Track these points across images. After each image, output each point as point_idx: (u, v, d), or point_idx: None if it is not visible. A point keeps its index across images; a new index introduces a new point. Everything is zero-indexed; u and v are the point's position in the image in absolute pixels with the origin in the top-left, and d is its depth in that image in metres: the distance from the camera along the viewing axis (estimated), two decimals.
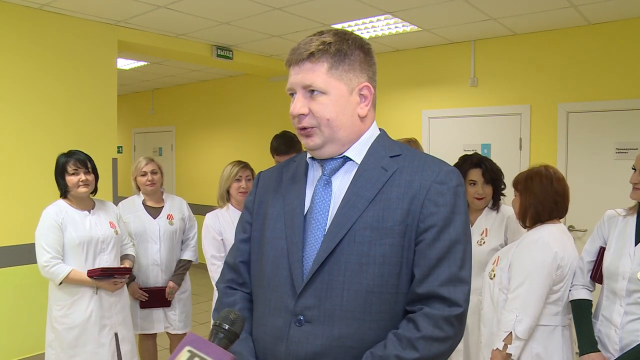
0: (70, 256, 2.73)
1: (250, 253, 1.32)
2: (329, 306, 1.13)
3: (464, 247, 1.15)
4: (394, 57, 5.40)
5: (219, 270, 2.97)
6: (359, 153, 1.23)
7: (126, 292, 2.98)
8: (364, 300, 1.13)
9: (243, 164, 3.11)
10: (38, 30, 4.00)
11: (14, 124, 3.89)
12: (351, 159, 1.23)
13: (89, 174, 2.79)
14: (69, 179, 2.74)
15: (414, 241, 1.14)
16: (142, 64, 6.20)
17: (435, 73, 5.18)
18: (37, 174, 3.94)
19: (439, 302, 1.11)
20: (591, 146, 4.35)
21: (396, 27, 4.54)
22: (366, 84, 1.21)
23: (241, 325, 0.95)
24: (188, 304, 3.48)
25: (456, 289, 1.12)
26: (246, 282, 1.33)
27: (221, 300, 1.33)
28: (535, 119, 4.62)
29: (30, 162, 3.96)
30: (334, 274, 1.14)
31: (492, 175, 2.73)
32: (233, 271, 1.34)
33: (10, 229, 3.84)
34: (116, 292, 2.85)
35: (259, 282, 1.27)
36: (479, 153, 3.21)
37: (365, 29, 4.58)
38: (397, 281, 1.14)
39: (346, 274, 1.14)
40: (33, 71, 3.99)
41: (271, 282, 1.22)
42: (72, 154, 2.78)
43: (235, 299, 1.31)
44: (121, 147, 8.73)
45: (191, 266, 3.50)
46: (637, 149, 4.08)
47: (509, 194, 2.86)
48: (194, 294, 3.60)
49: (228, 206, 3.06)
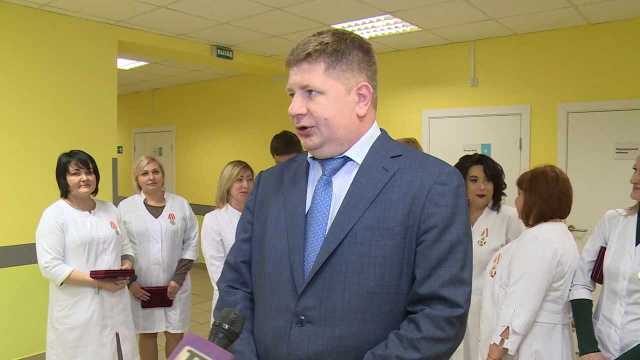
0: (72, 257, 2.72)
1: (252, 253, 1.32)
2: (330, 306, 1.14)
3: (465, 247, 1.15)
4: (394, 57, 5.40)
5: (218, 271, 2.97)
6: (360, 153, 1.23)
7: (127, 292, 2.98)
8: (364, 301, 1.13)
9: (244, 164, 3.10)
10: (38, 30, 4.00)
11: (14, 124, 3.89)
12: (352, 159, 1.23)
13: (91, 174, 2.78)
14: (70, 179, 2.74)
15: (414, 242, 1.14)
16: (142, 64, 6.20)
17: (435, 73, 5.18)
18: (37, 174, 3.94)
19: (440, 303, 1.11)
20: (591, 146, 4.35)
21: (396, 27, 4.54)
22: (365, 83, 1.21)
23: (241, 325, 0.95)
24: (188, 303, 3.48)
25: (457, 289, 1.12)
26: (247, 281, 1.33)
27: (222, 300, 1.33)
28: (535, 119, 4.62)
29: (31, 162, 3.96)
30: (335, 274, 1.14)
31: (494, 171, 2.73)
32: (234, 271, 1.34)
33: (10, 229, 3.84)
34: (117, 292, 2.86)
35: (260, 282, 1.27)
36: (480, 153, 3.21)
37: (365, 29, 4.58)
38: (398, 282, 1.14)
39: (347, 275, 1.14)
40: (33, 71, 3.99)
41: (272, 282, 1.22)
42: (73, 154, 2.78)
43: (236, 298, 1.31)
44: (121, 147, 8.73)
45: (191, 266, 3.50)
46: (637, 149, 4.08)
47: (509, 194, 2.86)
48: (194, 294, 3.61)
49: (227, 207, 3.06)
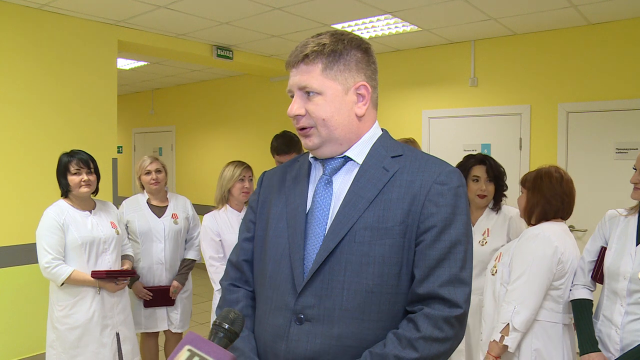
0: (72, 257, 2.72)
1: (254, 252, 1.33)
2: (328, 305, 1.14)
3: (465, 247, 1.15)
4: (394, 57, 5.40)
5: (217, 272, 2.97)
6: (360, 153, 1.23)
7: (127, 292, 2.98)
8: (363, 300, 1.13)
9: (245, 165, 3.11)
10: (38, 30, 4.00)
11: (14, 123, 3.89)
12: (352, 159, 1.23)
13: (91, 174, 2.78)
14: (71, 179, 2.73)
15: (414, 242, 1.14)
16: (142, 64, 6.19)
17: (435, 73, 5.18)
18: (37, 174, 3.93)
19: (439, 303, 1.11)
20: (591, 146, 4.35)
21: (396, 27, 4.53)
22: (363, 83, 1.21)
23: (241, 325, 0.95)
24: (189, 303, 3.48)
25: (456, 289, 1.12)
26: (249, 280, 1.34)
27: (224, 298, 1.34)
28: (535, 119, 4.62)
29: (31, 162, 3.96)
30: (334, 273, 1.14)
31: (496, 172, 2.73)
32: (236, 269, 1.35)
33: (10, 229, 3.84)
34: (118, 292, 2.85)
35: (261, 281, 1.28)
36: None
37: (365, 29, 4.58)
38: (397, 281, 1.14)
39: (346, 274, 1.14)
40: (33, 71, 3.99)
41: (273, 281, 1.22)
42: (74, 154, 2.78)
43: (238, 296, 1.32)
44: (121, 147, 8.73)
45: (193, 266, 3.50)
46: (637, 149, 4.08)
47: (510, 194, 2.86)
48: (194, 294, 3.61)
49: (226, 207, 3.06)
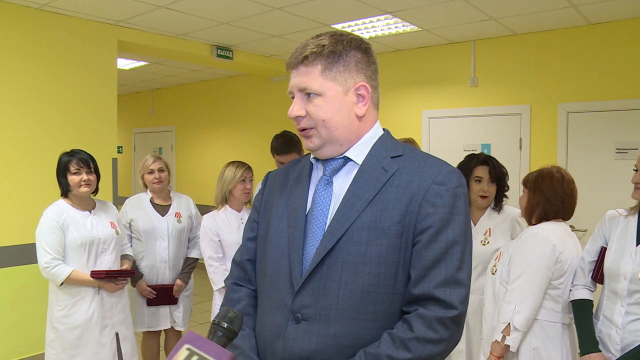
0: (72, 257, 2.72)
1: (257, 251, 1.35)
2: (325, 305, 1.14)
3: (462, 248, 1.14)
4: (394, 57, 5.40)
5: (216, 272, 2.98)
6: (360, 153, 1.23)
7: (126, 292, 2.99)
8: (359, 300, 1.13)
9: (246, 165, 3.12)
10: (38, 30, 3.99)
11: (14, 123, 3.89)
12: (352, 160, 1.23)
13: (91, 173, 2.78)
14: (71, 179, 2.73)
15: (411, 242, 1.14)
16: (142, 64, 6.19)
17: (435, 73, 5.18)
18: (37, 174, 3.93)
19: (433, 304, 1.10)
20: (591, 146, 4.35)
21: (396, 27, 4.53)
22: (363, 83, 1.21)
23: (240, 324, 0.95)
24: (190, 302, 3.50)
25: (452, 290, 1.11)
26: (252, 279, 1.35)
27: (227, 297, 1.35)
28: (535, 119, 4.62)
29: (30, 162, 3.96)
30: (331, 273, 1.15)
31: (499, 173, 2.74)
32: (240, 269, 1.37)
33: (10, 229, 3.84)
34: (117, 292, 2.85)
35: (262, 280, 1.29)
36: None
37: (365, 29, 4.58)
38: (394, 281, 1.14)
39: (343, 274, 1.14)
40: (33, 71, 3.99)
41: (272, 280, 1.23)
42: (75, 153, 2.78)
43: (240, 295, 1.33)
44: (121, 147, 8.73)
45: (196, 265, 3.51)
46: (637, 149, 4.08)
47: (511, 195, 2.87)
48: (194, 294, 3.61)
49: (226, 207, 3.07)
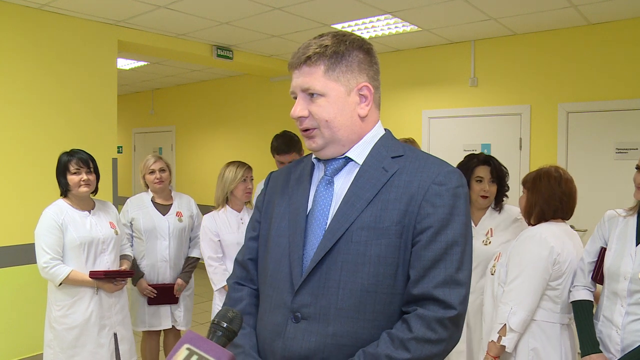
0: (71, 257, 2.72)
1: (258, 251, 1.35)
2: (324, 304, 1.14)
3: (462, 249, 1.14)
4: (394, 57, 5.40)
5: (215, 272, 2.99)
6: (361, 153, 1.23)
7: (125, 292, 2.99)
8: (358, 300, 1.13)
9: (246, 165, 3.13)
10: (38, 30, 3.99)
11: (14, 123, 3.89)
12: (353, 160, 1.23)
13: (91, 173, 2.78)
14: (70, 178, 2.73)
15: (410, 242, 1.14)
16: (142, 64, 6.19)
17: (435, 73, 5.18)
18: (37, 174, 3.93)
19: (433, 304, 1.10)
20: (591, 146, 4.35)
21: (396, 27, 4.53)
22: (365, 84, 1.21)
23: (239, 324, 0.95)
24: (191, 302, 3.51)
25: (452, 291, 1.11)
26: (254, 278, 1.35)
27: (229, 296, 1.36)
28: (535, 119, 4.62)
29: (30, 162, 3.96)
30: (331, 272, 1.15)
31: (499, 173, 2.74)
32: (242, 268, 1.37)
33: (10, 229, 3.84)
34: (116, 293, 2.85)
35: (263, 280, 1.29)
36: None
37: (365, 29, 4.58)
38: (393, 281, 1.14)
39: (342, 273, 1.14)
40: (33, 71, 3.99)
41: (273, 280, 1.24)
42: (74, 153, 2.78)
43: (242, 294, 1.34)
44: (121, 147, 8.73)
45: (197, 264, 3.51)
46: (637, 149, 4.08)
47: (511, 195, 2.87)
48: (194, 293, 3.62)
49: (226, 208, 3.07)
